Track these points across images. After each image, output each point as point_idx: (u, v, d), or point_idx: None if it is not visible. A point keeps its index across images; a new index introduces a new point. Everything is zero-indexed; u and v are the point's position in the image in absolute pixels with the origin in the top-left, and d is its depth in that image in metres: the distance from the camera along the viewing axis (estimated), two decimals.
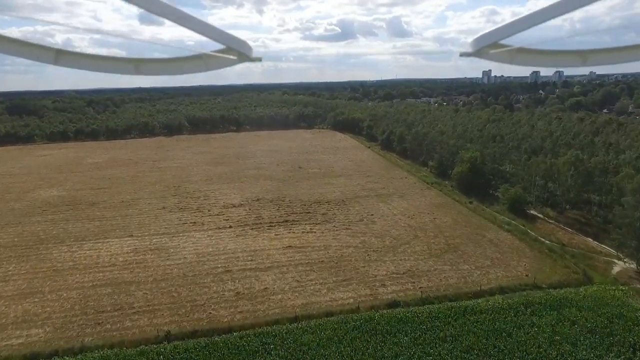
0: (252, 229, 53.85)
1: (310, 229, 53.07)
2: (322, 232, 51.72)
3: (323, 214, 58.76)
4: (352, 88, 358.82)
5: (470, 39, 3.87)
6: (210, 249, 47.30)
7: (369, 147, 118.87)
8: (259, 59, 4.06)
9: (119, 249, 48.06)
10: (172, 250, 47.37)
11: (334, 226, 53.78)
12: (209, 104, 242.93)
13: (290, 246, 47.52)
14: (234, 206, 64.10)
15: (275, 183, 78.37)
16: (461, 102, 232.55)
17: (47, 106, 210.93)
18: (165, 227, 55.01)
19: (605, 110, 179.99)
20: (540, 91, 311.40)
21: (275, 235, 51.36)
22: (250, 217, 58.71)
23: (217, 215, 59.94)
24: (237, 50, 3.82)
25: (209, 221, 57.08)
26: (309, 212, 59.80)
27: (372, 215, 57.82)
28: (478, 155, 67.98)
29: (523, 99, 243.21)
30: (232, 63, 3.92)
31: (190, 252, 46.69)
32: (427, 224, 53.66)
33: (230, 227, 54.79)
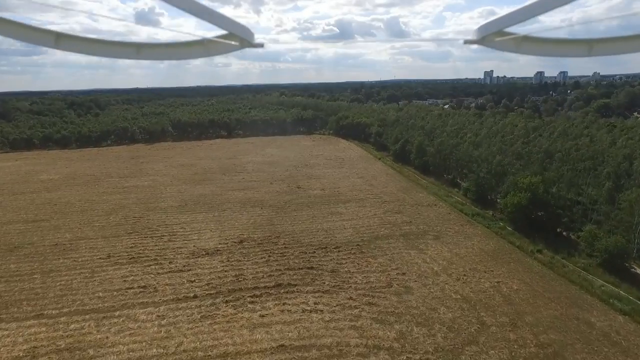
0: (226, 301, 35.78)
1: (315, 303, 35.04)
2: (333, 311, 33.72)
3: (332, 272, 40.73)
4: (354, 89, 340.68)
5: (475, 27, 3.75)
6: (154, 351, 29.19)
7: (380, 159, 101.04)
8: (261, 45, 3.88)
9: (7, 348, 29.92)
10: (91, 351, 29.26)
11: (350, 297, 35.77)
12: (201, 105, 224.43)
13: (283, 345, 29.47)
14: (207, 254, 46.06)
15: (267, 212, 60.39)
16: (473, 105, 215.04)
17: (21, 108, 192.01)
18: (99, 297, 36.90)
19: (636, 114, 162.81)
20: (552, 92, 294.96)
21: (261, 316, 33.32)
22: (227, 275, 40.67)
23: (181, 271, 41.89)
24: (238, 36, 3.68)
25: (166, 285, 38.99)
26: (311, 268, 41.76)
27: (403, 274, 39.84)
28: (540, 180, 50.13)
29: (538, 100, 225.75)
30: (233, 49, 3.78)
31: (121, 357, 28.63)
32: (491, 295, 35.70)
33: (195, 297, 36.74)
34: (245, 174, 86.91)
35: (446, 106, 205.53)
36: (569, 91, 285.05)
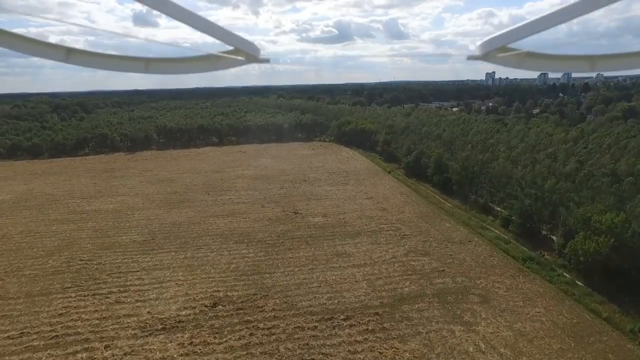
0: None
1: None
2: None
3: None
4: (354, 91, 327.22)
5: (478, 42, 3.67)
6: None
7: (390, 172, 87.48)
8: (267, 60, 3.87)
9: None
10: None
11: None
12: (194, 109, 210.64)
13: None
14: (164, 328, 32.39)
15: (254, 252, 46.82)
16: (483, 108, 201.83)
17: None
18: None
19: None
20: (562, 94, 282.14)
21: None
22: None
23: None
24: (245, 52, 3.68)
25: None
26: None
27: None
28: (623, 219, 36.58)
29: (552, 103, 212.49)
30: (239, 64, 3.79)
31: None
32: None
33: None
34: (232, 192, 73.36)
35: (455, 109, 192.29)
36: (580, 93, 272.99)
